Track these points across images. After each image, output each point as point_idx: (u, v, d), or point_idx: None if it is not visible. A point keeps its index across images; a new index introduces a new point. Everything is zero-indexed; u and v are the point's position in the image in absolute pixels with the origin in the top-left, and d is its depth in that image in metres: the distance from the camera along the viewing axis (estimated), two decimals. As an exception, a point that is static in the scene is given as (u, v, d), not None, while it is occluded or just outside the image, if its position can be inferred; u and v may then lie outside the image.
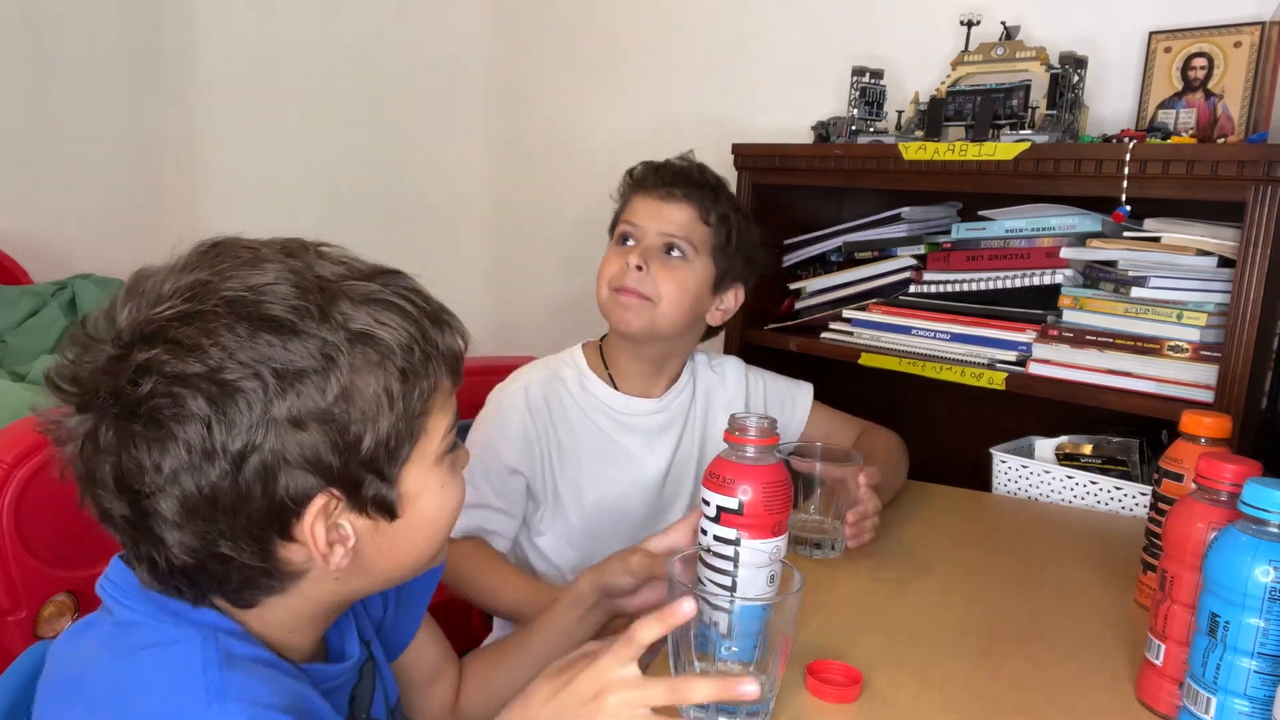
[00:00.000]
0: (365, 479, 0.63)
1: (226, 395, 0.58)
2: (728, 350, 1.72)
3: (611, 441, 1.30)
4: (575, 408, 1.30)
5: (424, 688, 0.94)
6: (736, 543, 0.79)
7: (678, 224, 1.26)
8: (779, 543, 0.81)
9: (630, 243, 1.27)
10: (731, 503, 0.79)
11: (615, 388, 1.32)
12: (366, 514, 0.65)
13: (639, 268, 1.23)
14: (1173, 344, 1.31)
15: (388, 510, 0.65)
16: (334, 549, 0.64)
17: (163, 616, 0.63)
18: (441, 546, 0.72)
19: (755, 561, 0.80)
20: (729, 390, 1.39)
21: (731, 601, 0.78)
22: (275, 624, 0.68)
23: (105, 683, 0.61)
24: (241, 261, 0.62)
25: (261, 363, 0.58)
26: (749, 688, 0.64)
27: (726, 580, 0.80)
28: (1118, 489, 1.29)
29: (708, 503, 0.81)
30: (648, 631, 0.65)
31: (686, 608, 0.66)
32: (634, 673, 0.64)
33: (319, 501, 0.61)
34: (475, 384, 1.29)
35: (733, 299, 1.32)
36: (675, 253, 1.26)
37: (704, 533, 0.82)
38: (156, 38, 2.73)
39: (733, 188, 1.71)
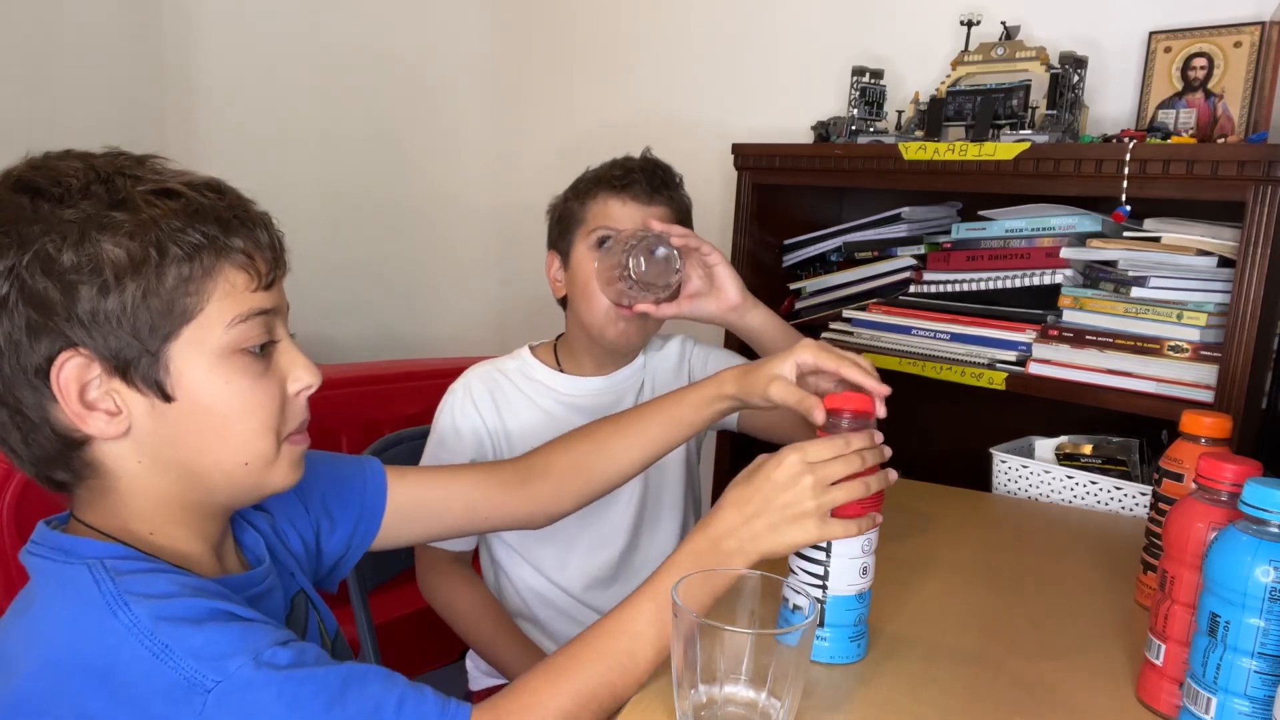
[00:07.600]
0: (123, 345, 0.65)
1: None
2: (727, 347, 1.72)
3: (563, 425, 1.28)
4: (520, 396, 1.30)
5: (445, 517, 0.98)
6: None
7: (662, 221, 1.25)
8: (871, 535, 0.82)
9: (610, 245, 1.24)
10: None
11: (561, 372, 1.33)
12: (139, 389, 0.67)
13: None
14: (1173, 344, 1.31)
15: (157, 388, 0.67)
16: (93, 414, 0.66)
17: (55, 554, 0.66)
18: (258, 450, 0.71)
19: (848, 552, 0.81)
20: (670, 364, 1.40)
21: (824, 588, 0.81)
22: (144, 528, 0.70)
23: (19, 641, 0.64)
24: (67, 155, 0.67)
25: (16, 224, 0.63)
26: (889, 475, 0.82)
27: (819, 570, 0.81)
28: (1118, 489, 1.29)
29: None
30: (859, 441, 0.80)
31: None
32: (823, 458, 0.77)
33: (66, 357, 0.65)
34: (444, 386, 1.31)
35: None
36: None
37: None
38: (157, 40, 2.73)
39: (732, 187, 1.72)
